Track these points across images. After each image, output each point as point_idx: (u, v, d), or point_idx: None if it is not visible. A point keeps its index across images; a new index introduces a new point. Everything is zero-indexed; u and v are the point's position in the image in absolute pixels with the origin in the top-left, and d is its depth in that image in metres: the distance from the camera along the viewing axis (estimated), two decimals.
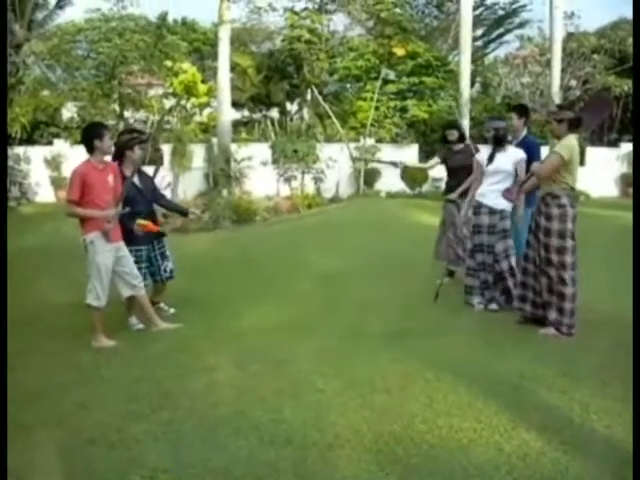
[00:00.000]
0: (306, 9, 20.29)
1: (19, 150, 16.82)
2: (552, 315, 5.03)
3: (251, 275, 7.80)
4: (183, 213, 6.30)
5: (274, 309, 6.21)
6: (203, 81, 19.92)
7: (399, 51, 18.33)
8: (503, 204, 5.81)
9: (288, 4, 21.16)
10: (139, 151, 5.73)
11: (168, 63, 18.99)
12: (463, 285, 6.22)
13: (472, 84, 24.88)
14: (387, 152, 20.16)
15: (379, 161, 17.64)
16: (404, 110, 20.90)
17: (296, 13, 19.98)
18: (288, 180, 18.02)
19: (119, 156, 5.64)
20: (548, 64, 18.17)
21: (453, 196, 7.10)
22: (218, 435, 3.36)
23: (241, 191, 17.36)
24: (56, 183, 17.08)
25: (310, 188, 18.35)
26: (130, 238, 5.50)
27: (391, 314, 5.93)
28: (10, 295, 6.91)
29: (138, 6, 18.59)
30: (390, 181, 19.11)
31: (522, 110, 6.67)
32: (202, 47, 25.62)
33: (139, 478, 2.94)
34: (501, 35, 25.71)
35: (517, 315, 5.52)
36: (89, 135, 5.14)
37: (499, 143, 5.90)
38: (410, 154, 20.34)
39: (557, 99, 16.71)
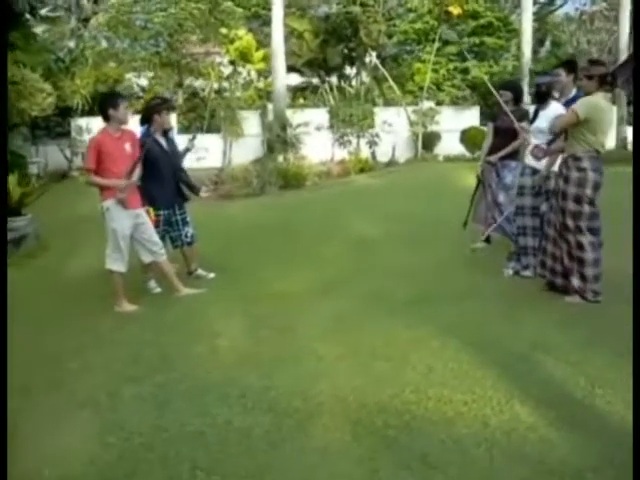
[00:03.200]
0: None
1: (81, 122, 17.27)
2: (575, 282, 4.75)
3: (284, 240, 7.74)
4: (196, 191, 6.28)
5: (300, 275, 6.14)
6: (259, 47, 19.85)
7: (455, 10, 17.58)
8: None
9: None
10: (166, 116, 5.83)
11: (224, 30, 18.97)
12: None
13: (541, 43, 23.80)
14: (447, 115, 19.62)
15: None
16: (465, 72, 20.20)
17: None
18: (343, 145, 17.81)
19: (148, 119, 5.75)
20: (617, 20, 17.05)
21: (493, 158, 6.76)
22: (203, 400, 3.34)
23: (296, 157, 17.28)
24: None
25: (365, 152, 18.08)
26: (151, 201, 5.56)
27: (418, 279, 5.77)
28: (59, 262, 7.22)
29: None
30: (450, 145, 18.58)
31: (571, 66, 6.23)
32: (261, 12, 25.44)
33: (114, 439, 2.96)
34: None
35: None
36: (104, 104, 5.18)
37: (541, 100, 5.60)
38: (471, 117, 19.71)
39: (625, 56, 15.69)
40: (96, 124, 6.37)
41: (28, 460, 2.82)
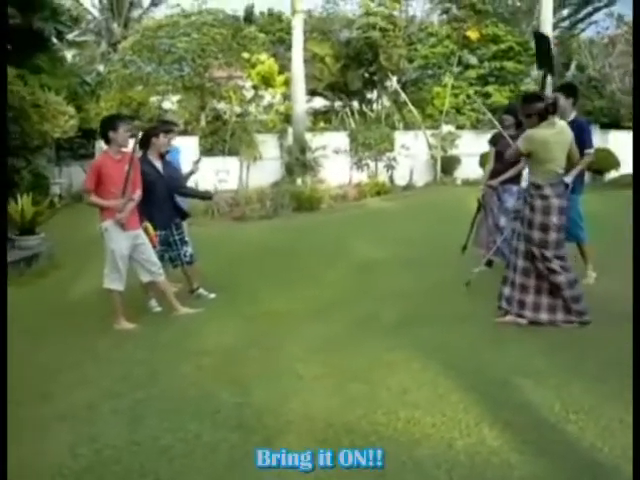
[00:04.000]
0: None
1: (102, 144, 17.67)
2: (559, 316, 4.73)
3: (289, 262, 7.82)
4: (207, 197, 6.38)
5: (298, 295, 6.21)
6: (282, 71, 20.17)
7: (473, 34, 17.68)
8: None
9: None
10: (164, 139, 5.92)
11: (246, 55, 19.34)
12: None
13: (567, 67, 23.71)
14: (467, 139, 19.63)
15: None
16: (486, 96, 20.23)
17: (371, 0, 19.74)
18: (361, 168, 17.94)
19: (146, 142, 5.87)
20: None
21: (494, 182, 6.78)
22: (178, 416, 3.41)
23: (314, 180, 17.45)
24: None
25: (383, 176, 18.18)
26: (148, 222, 5.69)
27: (412, 302, 5.79)
28: (68, 281, 7.38)
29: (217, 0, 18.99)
30: (470, 169, 18.55)
31: (570, 90, 6.27)
32: (285, 37, 25.89)
33: (86, 451, 3.05)
34: (589, 14, 24.17)
35: None
36: (104, 127, 5.33)
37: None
38: None
39: None
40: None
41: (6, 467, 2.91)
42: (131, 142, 5.51)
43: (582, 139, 5.80)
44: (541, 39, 6.12)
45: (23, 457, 3.03)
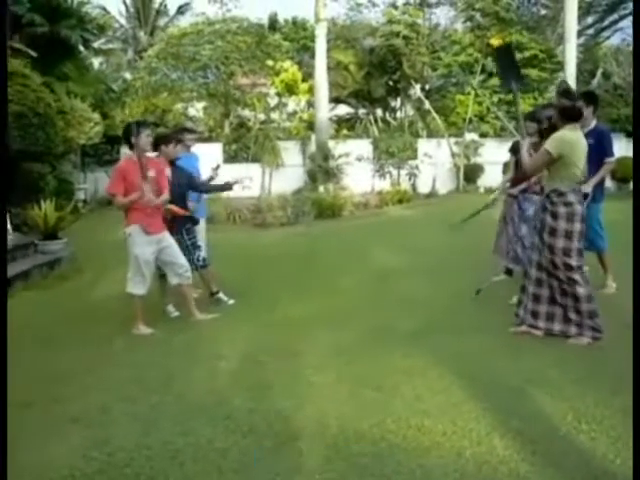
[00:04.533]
0: (406, 3, 20.03)
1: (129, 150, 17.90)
2: (572, 330, 4.66)
3: (307, 269, 7.86)
4: (228, 187, 6.41)
5: (314, 302, 6.23)
6: (306, 79, 20.28)
7: (495, 42, 17.51)
8: None
9: None
10: (173, 148, 5.96)
11: (270, 62, 19.49)
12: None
13: (592, 74, 23.48)
14: (490, 147, 19.52)
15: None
16: (510, 104, 20.08)
17: (395, 7, 19.76)
18: (383, 176, 17.93)
19: (155, 148, 5.90)
20: None
21: (514, 191, 6.74)
22: (190, 421, 3.44)
23: (337, 187, 17.47)
24: None
25: (406, 184, 18.15)
26: None
27: (428, 310, 5.77)
28: (89, 285, 7.48)
29: (242, 8, 19.19)
30: (493, 177, 18.41)
31: (590, 98, 6.21)
32: (309, 44, 26.03)
33: (98, 454, 3.09)
34: (615, 22, 23.88)
35: None
36: (127, 133, 5.41)
37: (545, 135, 5.59)
38: None
39: None
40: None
41: (11, 470, 2.96)
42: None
43: (603, 147, 5.75)
44: (503, 52, 6.02)
45: (31, 459, 3.08)
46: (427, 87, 21.88)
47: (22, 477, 2.88)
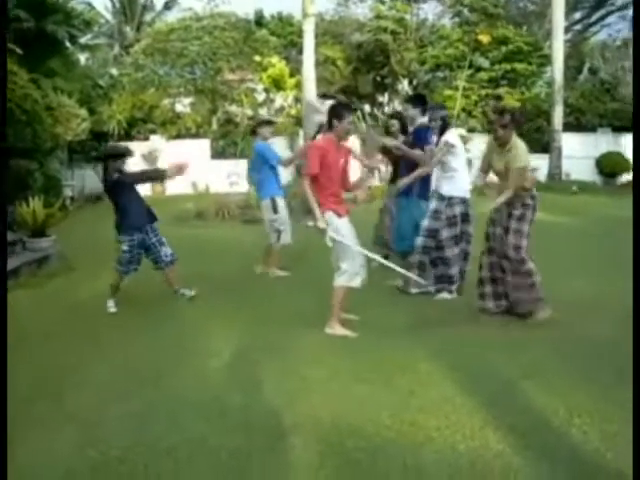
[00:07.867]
0: None
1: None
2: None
3: (297, 264, 7.83)
4: (160, 175, 6.38)
5: (305, 297, 6.21)
6: (294, 74, 20.22)
7: (484, 38, 17.63)
8: (452, 191, 6.03)
9: None
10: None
11: (257, 58, 19.42)
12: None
13: (579, 70, 23.61)
14: (478, 141, 19.58)
15: None
16: (497, 98, 20.18)
17: (383, 3, 19.75)
18: (371, 171, 17.92)
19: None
20: None
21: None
22: (185, 417, 3.44)
23: None
24: None
25: None
26: (121, 228, 5.83)
27: (421, 304, 5.80)
28: (79, 282, 7.43)
29: (230, 3, 19.11)
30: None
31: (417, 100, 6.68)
32: (296, 40, 25.95)
33: (92, 452, 3.08)
34: (602, 17, 24.03)
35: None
36: (334, 113, 4.87)
37: (443, 131, 6.09)
38: None
39: None
40: (132, 148, 6.55)
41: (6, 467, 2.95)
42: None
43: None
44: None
45: (27, 457, 3.07)
46: (415, 82, 21.90)
47: (15, 474, 2.86)
